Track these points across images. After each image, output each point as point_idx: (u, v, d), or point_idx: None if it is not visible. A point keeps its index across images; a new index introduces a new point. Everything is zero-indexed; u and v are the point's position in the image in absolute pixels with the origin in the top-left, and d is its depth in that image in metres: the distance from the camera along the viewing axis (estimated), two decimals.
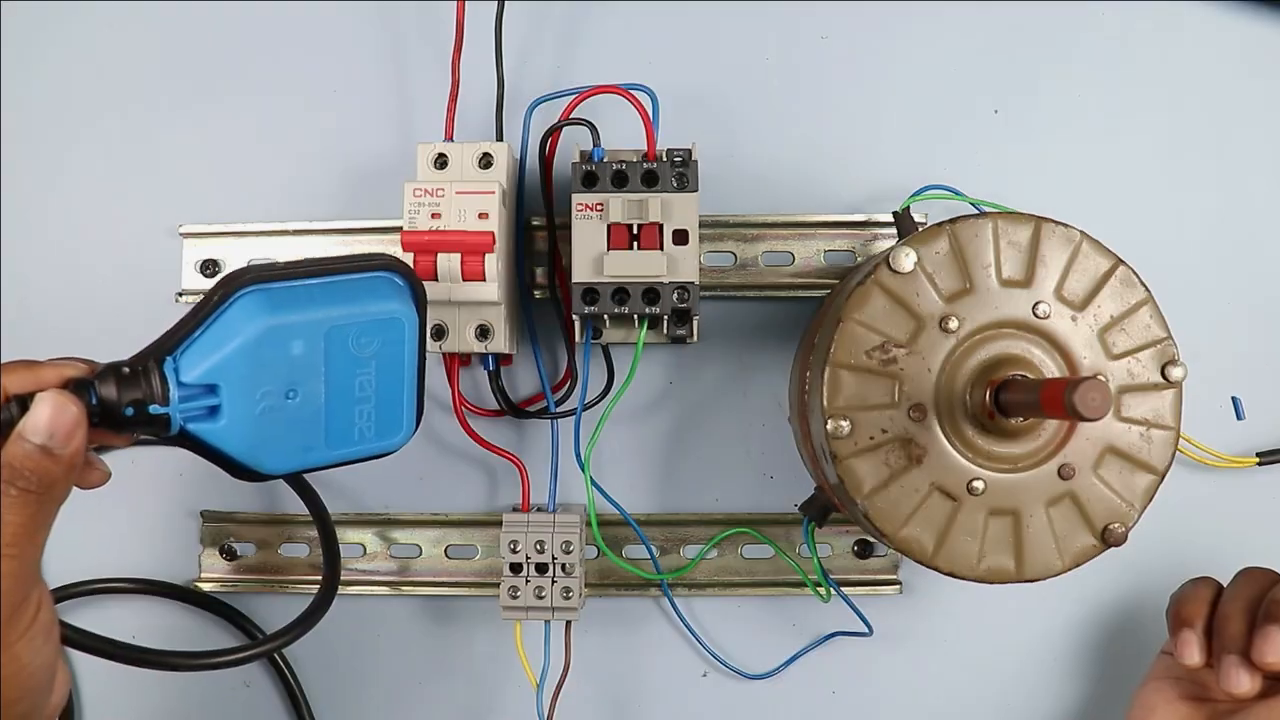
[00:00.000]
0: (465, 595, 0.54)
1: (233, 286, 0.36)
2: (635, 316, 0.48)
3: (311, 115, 0.55)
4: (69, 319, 0.55)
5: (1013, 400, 0.38)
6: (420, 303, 0.41)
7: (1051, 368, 0.41)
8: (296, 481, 0.43)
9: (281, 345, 0.37)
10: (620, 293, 0.47)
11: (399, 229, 0.47)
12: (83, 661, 0.54)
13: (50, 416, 0.32)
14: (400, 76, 0.56)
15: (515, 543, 0.49)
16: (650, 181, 0.47)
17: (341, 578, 0.45)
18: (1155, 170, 0.55)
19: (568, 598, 0.49)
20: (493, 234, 0.47)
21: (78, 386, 0.34)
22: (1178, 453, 0.42)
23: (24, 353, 0.34)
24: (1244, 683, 0.42)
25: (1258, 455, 0.53)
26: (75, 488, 0.36)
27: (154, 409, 0.34)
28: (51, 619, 0.33)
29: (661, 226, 0.47)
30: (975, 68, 0.55)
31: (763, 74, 0.55)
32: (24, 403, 0.32)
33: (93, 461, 0.37)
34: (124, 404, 0.34)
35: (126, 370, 0.34)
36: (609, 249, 0.47)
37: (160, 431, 0.35)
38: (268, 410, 0.37)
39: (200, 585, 0.54)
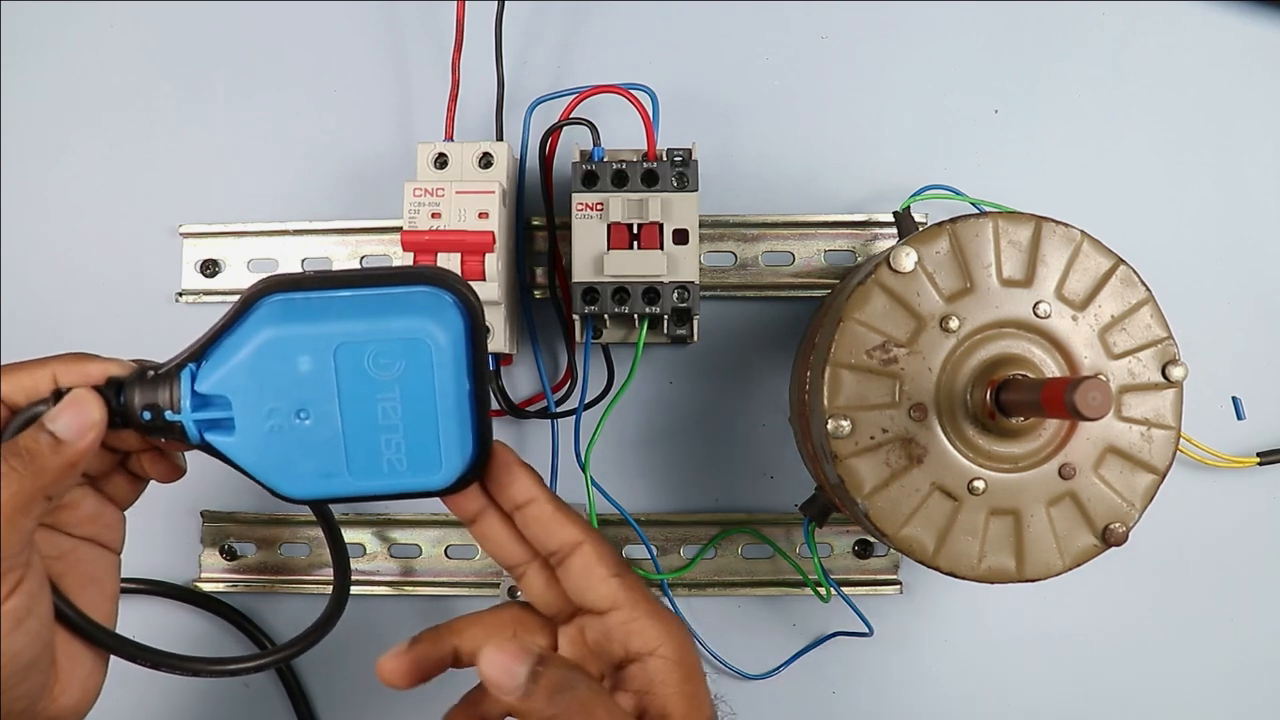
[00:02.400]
0: (465, 595, 0.54)
1: (257, 292, 0.34)
2: (635, 316, 0.48)
3: (311, 115, 0.55)
4: (69, 319, 0.55)
5: (1013, 400, 0.38)
6: (475, 328, 0.35)
7: (1052, 367, 0.40)
8: (319, 511, 0.39)
9: (285, 359, 0.34)
10: (620, 292, 0.47)
11: (399, 229, 0.48)
12: None
13: (69, 413, 0.33)
14: (400, 76, 0.56)
15: None
16: (650, 181, 0.47)
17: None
18: (1155, 170, 0.55)
19: None
20: (493, 234, 0.47)
21: (110, 385, 0.34)
22: (1178, 453, 0.42)
23: (23, 353, 0.34)
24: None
25: (1258, 455, 0.53)
26: (154, 481, 0.37)
27: (169, 415, 0.34)
28: (27, 607, 0.32)
29: (661, 226, 0.47)
30: (975, 68, 0.55)
31: (763, 74, 0.55)
32: (61, 394, 0.33)
33: (171, 459, 0.37)
34: (142, 407, 0.34)
35: (152, 374, 0.34)
36: (609, 249, 0.47)
37: (181, 439, 0.34)
38: (277, 429, 0.34)
39: (200, 585, 0.54)
